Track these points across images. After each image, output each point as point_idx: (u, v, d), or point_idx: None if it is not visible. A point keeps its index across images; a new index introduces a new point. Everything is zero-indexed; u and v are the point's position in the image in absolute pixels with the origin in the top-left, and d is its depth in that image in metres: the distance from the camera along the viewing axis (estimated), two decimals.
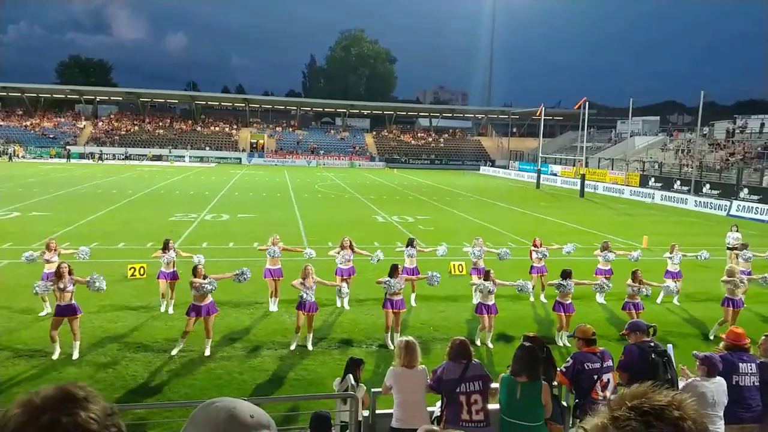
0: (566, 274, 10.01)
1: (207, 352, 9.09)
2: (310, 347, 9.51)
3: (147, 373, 8.44)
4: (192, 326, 9.05)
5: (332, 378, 8.50)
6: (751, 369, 5.67)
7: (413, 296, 12.14)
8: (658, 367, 5.37)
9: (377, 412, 5.66)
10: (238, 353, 9.28)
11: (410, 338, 5.64)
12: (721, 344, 6.08)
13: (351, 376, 5.99)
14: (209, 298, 9.12)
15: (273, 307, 11.43)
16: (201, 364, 8.82)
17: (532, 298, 12.33)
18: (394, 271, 9.67)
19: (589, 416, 1.28)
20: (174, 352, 9.06)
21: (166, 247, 11.33)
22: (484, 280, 9.93)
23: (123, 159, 60.87)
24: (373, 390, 5.81)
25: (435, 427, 3.72)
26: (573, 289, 10.05)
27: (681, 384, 5.48)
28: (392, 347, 9.49)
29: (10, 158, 55.68)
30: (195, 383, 8.13)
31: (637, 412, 1.18)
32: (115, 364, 8.71)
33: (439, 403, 5.48)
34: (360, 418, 5.44)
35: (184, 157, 63.44)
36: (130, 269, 13.05)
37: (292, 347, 9.38)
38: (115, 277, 13.30)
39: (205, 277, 9.14)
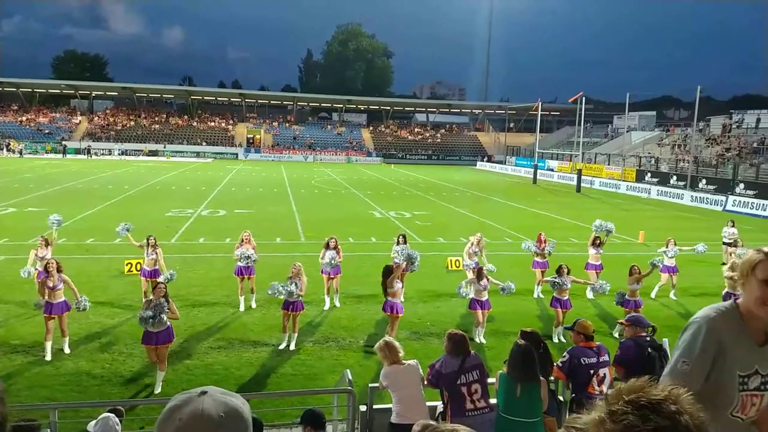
0: (561, 270, 10.03)
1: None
2: (292, 347, 9.30)
3: (145, 369, 8.43)
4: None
5: (329, 373, 8.54)
6: None
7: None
8: (654, 361, 5.39)
9: (375, 407, 5.69)
10: (235, 349, 9.28)
11: (386, 338, 5.83)
12: None
13: (348, 371, 6.00)
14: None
15: (243, 307, 11.09)
16: (198, 359, 8.83)
17: (535, 295, 12.45)
18: (387, 273, 9.45)
19: (582, 413, 1.29)
20: None
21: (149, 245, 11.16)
22: (477, 278, 9.89)
23: (119, 155, 60.62)
24: (370, 385, 5.83)
25: (431, 422, 3.73)
26: (570, 285, 10.08)
27: None
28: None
29: (21, 154, 55.56)
30: (192, 379, 8.13)
31: (634, 406, 1.18)
32: (112, 359, 8.71)
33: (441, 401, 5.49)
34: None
35: (159, 151, 62.60)
36: (126, 265, 13.09)
37: (282, 347, 9.32)
38: (111, 272, 13.32)
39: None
